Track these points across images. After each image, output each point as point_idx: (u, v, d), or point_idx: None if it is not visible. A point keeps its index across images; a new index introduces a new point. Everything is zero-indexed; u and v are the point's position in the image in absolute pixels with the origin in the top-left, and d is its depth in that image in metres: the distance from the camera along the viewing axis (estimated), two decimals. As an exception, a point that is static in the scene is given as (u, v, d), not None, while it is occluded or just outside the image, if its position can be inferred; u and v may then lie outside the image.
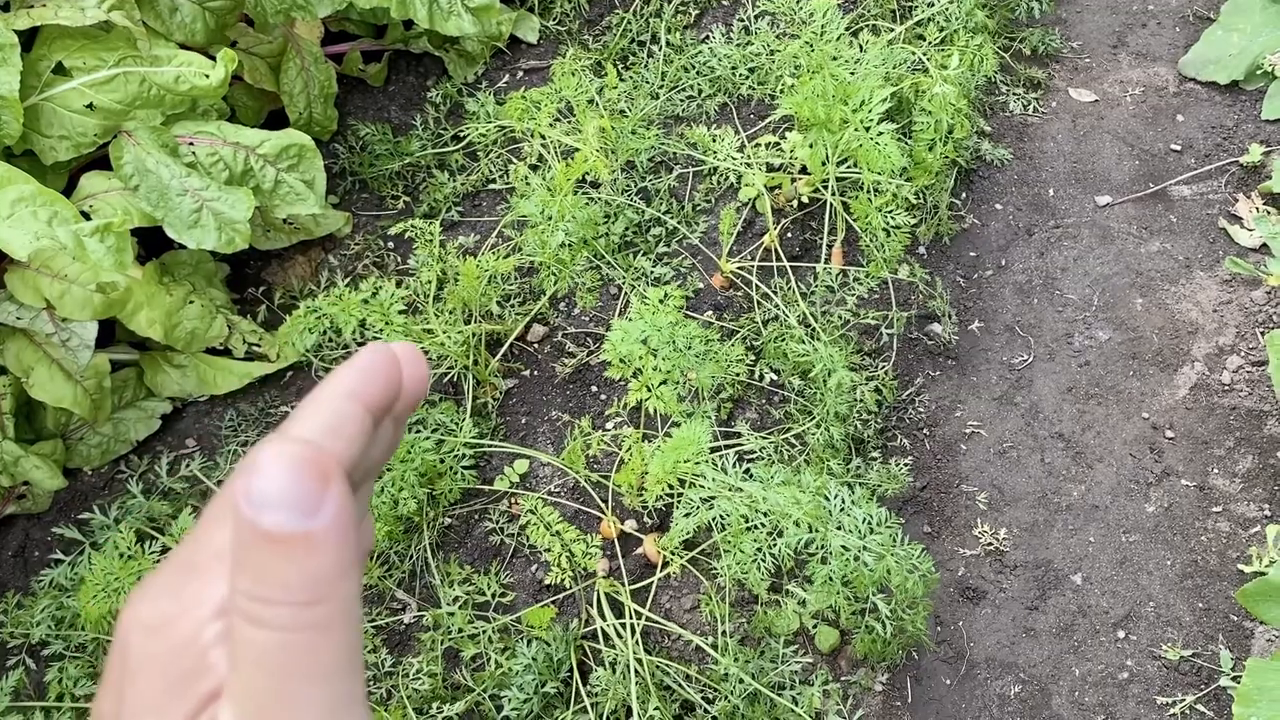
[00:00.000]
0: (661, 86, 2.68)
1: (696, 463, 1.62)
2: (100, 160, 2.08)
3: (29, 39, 2.00)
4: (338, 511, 0.33)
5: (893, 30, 2.48)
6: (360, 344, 2.29)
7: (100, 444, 2.19)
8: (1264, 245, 2.46)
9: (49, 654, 1.90)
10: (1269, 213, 2.51)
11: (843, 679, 1.92)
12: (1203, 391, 2.28)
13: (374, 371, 0.41)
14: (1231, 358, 2.31)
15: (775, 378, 2.21)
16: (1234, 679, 1.89)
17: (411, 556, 2.02)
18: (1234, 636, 1.97)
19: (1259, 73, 2.74)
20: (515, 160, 2.57)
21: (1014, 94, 2.83)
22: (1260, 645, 1.95)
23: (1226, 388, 2.27)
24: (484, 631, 1.89)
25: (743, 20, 2.77)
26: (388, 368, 0.42)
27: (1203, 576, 2.05)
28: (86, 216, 1.91)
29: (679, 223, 2.44)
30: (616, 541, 2.02)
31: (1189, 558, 2.07)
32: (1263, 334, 2.32)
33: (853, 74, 2.13)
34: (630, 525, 2.05)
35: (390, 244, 2.54)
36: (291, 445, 0.33)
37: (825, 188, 2.21)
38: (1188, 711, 1.90)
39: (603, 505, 2.04)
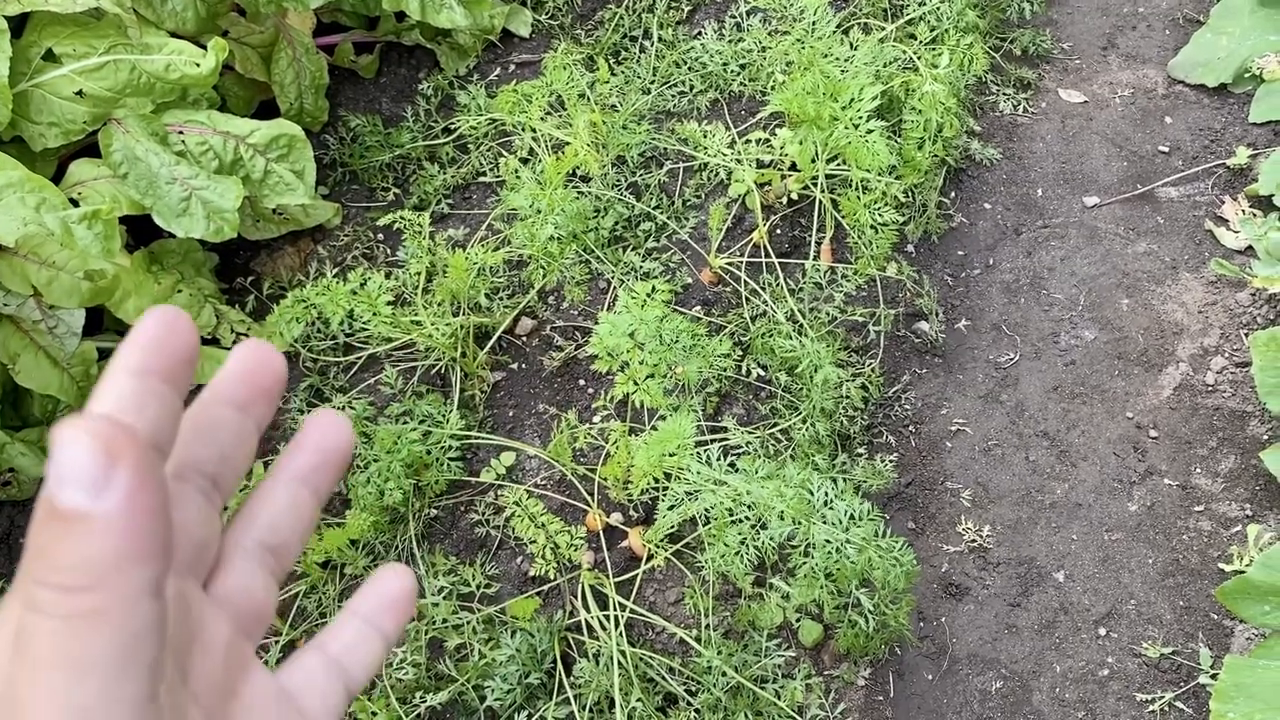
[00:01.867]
0: (653, 82, 2.68)
1: (681, 456, 1.63)
2: (89, 148, 2.07)
3: (19, 25, 1.99)
4: (128, 494, 0.31)
5: (884, 29, 2.48)
6: (348, 336, 2.29)
7: (86, 432, 2.18)
8: (1249, 247, 2.47)
9: (32, 641, 1.90)
10: (1254, 215, 2.52)
11: (825, 673, 1.93)
12: (1186, 392, 2.29)
13: (158, 343, 0.38)
14: (1215, 359, 2.33)
15: (762, 373, 2.22)
16: (1212, 676, 1.91)
17: (397, 547, 2.03)
18: (1214, 634, 1.99)
19: (1247, 76, 2.76)
20: (506, 153, 2.57)
21: (1004, 94, 2.84)
22: (1239, 643, 1.97)
23: (1210, 388, 2.29)
24: (468, 622, 1.90)
25: (735, 17, 2.78)
26: (173, 334, 0.38)
27: (1184, 575, 2.06)
28: (75, 203, 1.91)
29: (669, 218, 2.44)
30: (602, 534, 2.02)
31: (1170, 556, 2.09)
32: (1247, 335, 2.34)
33: (843, 72, 2.14)
34: (616, 518, 2.05)
35: (380, 235, 2.54)
36: (91, 420, 0.31)
37: (815, 185, 2.22)
38: (1167, 709, 1.91)
39: (588, 498, 2.04)
